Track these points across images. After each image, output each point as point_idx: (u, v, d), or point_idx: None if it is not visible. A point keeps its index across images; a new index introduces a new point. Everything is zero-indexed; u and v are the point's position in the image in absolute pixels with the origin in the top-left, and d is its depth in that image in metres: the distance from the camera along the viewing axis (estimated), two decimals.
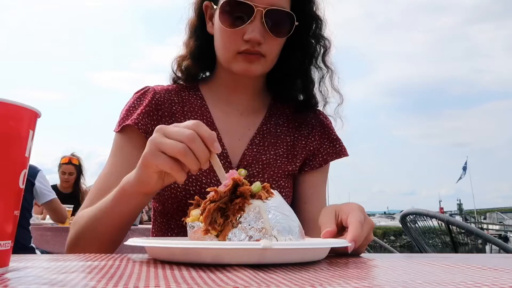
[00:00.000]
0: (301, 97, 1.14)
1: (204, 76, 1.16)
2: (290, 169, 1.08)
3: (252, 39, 0.94)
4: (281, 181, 1.06)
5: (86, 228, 0.87)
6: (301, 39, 1.07)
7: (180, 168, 0.68)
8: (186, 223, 0.65)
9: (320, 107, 1.15)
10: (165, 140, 0.68)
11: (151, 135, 1.00)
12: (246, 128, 1.08)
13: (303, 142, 1.11)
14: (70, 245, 0.90)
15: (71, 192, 4.13)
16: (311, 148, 1.11)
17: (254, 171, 1.03)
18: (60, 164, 4.18)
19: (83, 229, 0.88)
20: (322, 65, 1.11)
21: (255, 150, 1.05)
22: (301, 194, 1.10)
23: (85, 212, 0.90)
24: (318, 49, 1.10)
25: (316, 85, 1.12)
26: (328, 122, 1.17)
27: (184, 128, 0.67)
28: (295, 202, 1.10)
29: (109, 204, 0.83)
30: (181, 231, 0.99)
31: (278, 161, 1.06)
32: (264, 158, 1.05)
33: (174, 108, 1.06)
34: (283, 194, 1.04)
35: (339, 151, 1.14)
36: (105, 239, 0.87)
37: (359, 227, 0.68)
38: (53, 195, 3.14)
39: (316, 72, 1.11)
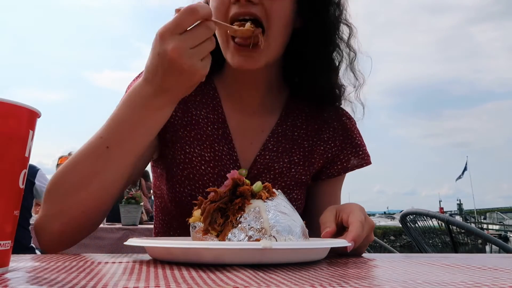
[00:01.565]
0: (322, 89, 0.96)
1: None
2: (304, 179, 0.97)
3: None
4: (294, 193, 0.95)
5: (72, 190, 0.72)
6: (319, 18, 0.91)
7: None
8: (189, 223, 0.66)
9: (343, 100, 1.00)
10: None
11: None
12: (259, 130, 0.97)
13: (322, 148, 0.98)
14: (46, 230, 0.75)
15: None
16: (329, 155, 0.99)
17: (265, 181, 0.96)
18: (58, 164, 4.17)
19: (64, 193, 0.72)
20: (345, 48, 0.95)
21: (267, 157, 0.94)
22: (315, 205, 1.00)
23: (63, 172, 0.73)
24: (341, 30, 0.94)
25: (341, 73, 0.97)
26: (352, 125, 1.03)
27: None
28: (308, 213, 0.99)
29: (113, 142, 0.70)
30: (184, 232, 0.97)
31: (293, 170, 0.96)
32: (277, 167, 0.94)
33: (186, 96, 1.00)
34: (295, 206, 0.96)
35: (361, 159, 1.00)
36: (96, 203, 0.74)
37: (360, 227, 0.68)
38: None
39: (339, 57, 0.96)
